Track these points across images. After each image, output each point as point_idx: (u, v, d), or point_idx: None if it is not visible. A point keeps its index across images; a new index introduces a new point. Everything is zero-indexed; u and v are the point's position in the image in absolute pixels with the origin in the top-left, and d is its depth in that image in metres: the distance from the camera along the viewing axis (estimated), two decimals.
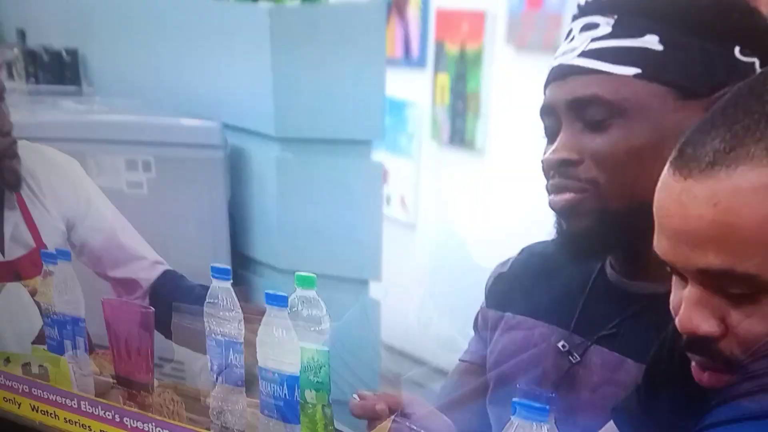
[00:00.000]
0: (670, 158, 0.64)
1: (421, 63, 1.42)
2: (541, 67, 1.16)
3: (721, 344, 0.63)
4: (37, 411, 1.16)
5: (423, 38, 1.42)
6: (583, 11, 0.84)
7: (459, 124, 1.35)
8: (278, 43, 1.51)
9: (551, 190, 0.86)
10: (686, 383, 0.69)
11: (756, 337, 0.61)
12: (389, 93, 1.42)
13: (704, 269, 0.61)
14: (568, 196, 0.84)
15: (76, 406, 1.12)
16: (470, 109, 1.33)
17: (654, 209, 0.65)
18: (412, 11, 1.44)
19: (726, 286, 0.61)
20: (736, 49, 0.77)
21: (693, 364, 0.67)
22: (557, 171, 0.84)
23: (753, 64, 0.77)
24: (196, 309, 1.08)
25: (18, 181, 1.25)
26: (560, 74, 0.84)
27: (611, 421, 0.80)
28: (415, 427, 0.86)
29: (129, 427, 1.09)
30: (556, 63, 0.85)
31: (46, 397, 1.15)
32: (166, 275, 1.34)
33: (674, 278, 0.67)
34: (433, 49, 1.40)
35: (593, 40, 0.82)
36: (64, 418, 1.13)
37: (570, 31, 0.85)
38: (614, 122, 0.80)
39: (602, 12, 0.82)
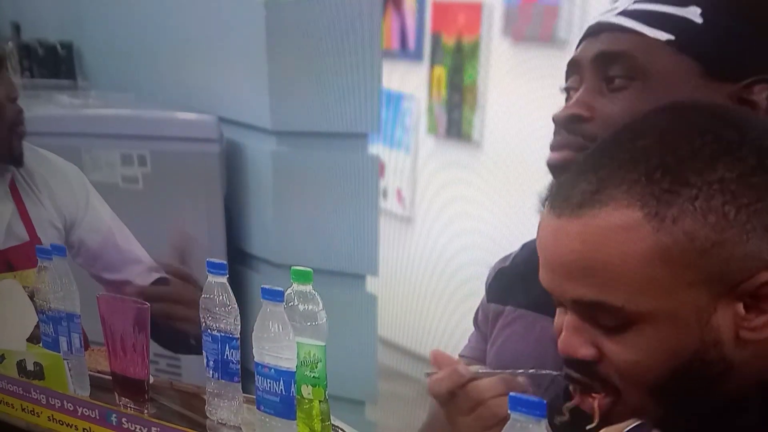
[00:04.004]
0: (548, 197, 0.70)
1: (417, 55, 1.40)
2: (538, 58, 1.15)
3: (599, 367, 0.68)
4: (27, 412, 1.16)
5: (419, 30, 1.41)
6: None
7: (456, 117, 1.34)
8: (274, 36, 1.50)
9: (553, 147, 0.85)
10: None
11: (627, 364, 0.66)
12: (385, 86, 1.41)
13: (577, 300, 0.67)
14: (566, 153, 0.84)
15: (62, 406, 1.12)
16: (467, 101, 1.32)
17: (536, 243, 0.71)
18: (409, 3, 1.43)
19: (597, 316, 0.67)
20: None
21: (571, 387, 0.74)
22: (565, 126, 0.84)
23: None
24: None
25: (21, 157, 1.26)
26: (595, 30, 0.83)
27: None
28: (512, 370, 0.86)
29: (123, 428, 1.08)
30: (594, 21, 0.84)
31: (36, 398, 1.15)
32: (160, 282, 1.34)
33: (557, 305, 0.72)
34: (429, 41, 1.39)
35: (636, 1, 0.81)
36: (49, 416, 1.12)
37: None
38: (634, 84, 0.79)
39: None
